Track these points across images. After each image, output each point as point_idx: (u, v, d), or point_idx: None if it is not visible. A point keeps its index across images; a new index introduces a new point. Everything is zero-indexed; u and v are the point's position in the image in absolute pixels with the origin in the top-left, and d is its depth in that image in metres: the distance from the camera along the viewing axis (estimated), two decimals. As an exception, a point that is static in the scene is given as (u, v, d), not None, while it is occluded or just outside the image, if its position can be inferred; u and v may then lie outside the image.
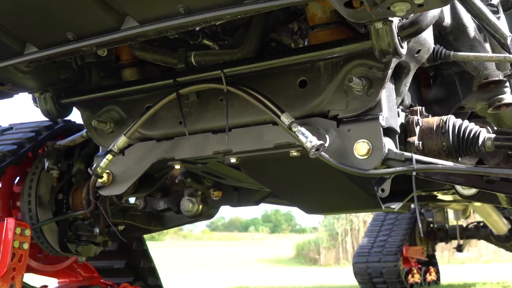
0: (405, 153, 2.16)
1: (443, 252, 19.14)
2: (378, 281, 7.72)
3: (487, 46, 2.69)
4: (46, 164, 3.39)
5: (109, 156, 2.49)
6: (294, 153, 2.33)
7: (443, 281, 9.41)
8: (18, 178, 3.69)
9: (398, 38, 1.95)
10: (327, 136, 2.16)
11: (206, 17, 1.67)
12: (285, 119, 2.17)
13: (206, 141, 2.48)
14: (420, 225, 2.10)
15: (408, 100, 2.71)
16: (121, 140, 2.48)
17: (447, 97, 2.88)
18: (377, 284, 7.77)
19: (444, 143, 2.49)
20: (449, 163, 2.21)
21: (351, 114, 2.19)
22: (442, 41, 2.55)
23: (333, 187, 2.63)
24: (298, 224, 63.43)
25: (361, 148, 2.12)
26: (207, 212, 3.55)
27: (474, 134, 2.50)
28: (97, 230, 3.41)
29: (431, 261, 8.61)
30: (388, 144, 2.17)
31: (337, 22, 2.25)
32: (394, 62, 2.13)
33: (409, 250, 7.74)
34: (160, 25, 1.77)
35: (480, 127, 3.01)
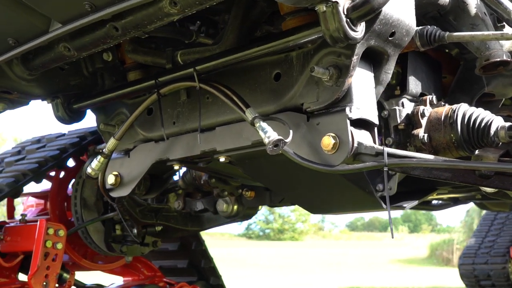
0: (376, 147, 1.97)
1: None
2: (486, 284, 7.18)
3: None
4: (88, 167, 3.52)
5: (100, 159, 2.54)
6: (274, 150, 2.22)
7: None
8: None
9: (347, 21, 1.78)
10: (290, 131, 2.02)
11: (112, 10, 1.67)
12: (249, 114, 2.08)
13: (195, 141, 2.44)
14: (391, 227, 1.88)
15: (416, 89, 2.48)
16: (111, 143, 2.51)
17: (470, 84, 2.60)
18: (485, 287, 7.22)
19: (452, 135, 2.25)
20: (430, 157, 1.98)
21: (320, 107, 2.04)
22: (443, 21, 2.30)
23: (325, 185, 2.46)
24: (439, 224, 60.83)
25: (326, 143, 1.97)
26: (243, 213, 3.50)
27: (486, 124, 2.23)
28: (135, 231, 3.49)
29: (548, 263, 7.83)
30: (360, 137, 1.99)
31: (308, 10, 2.11)
32: (360, 47, 1.95)
33: (519, 251, 7.10)
34: (78, 23, 1.79)
35: (507, 116, 2.70)
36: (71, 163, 3.86)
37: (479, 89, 2.57)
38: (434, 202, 4.68)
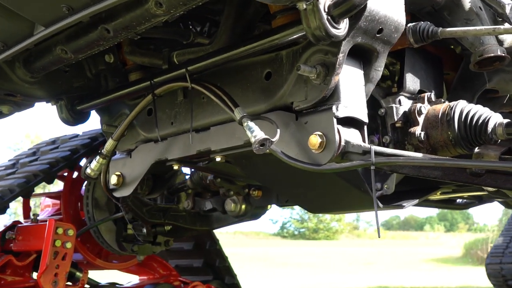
0: (364, 145, 1.94)
1: None
2: (514, 284, 7.03)
3: None
4: (99, 168, 3.57)
5: (99, 159, 2.57)
6: (266, 150, 2.21)
7: None
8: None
9: (328, 18, 1.76)
10: (277, 131, 2.01)
11: (88, 12, 1.70)
12: (237, 113, 2.08)
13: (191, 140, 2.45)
14: (378, 226, 1.86)
15: (414, 86, 2.44)
16: (109, 143, 2.54)
17: (472, 81, 2.54)
18: (513, 288, 7.07)
19: (449, 133, 2.21)
20: (417, 155, 1.95)
21: (308, 105, 2.02)
22: (438, 17, 2.26)
23: (321, 184, 2.44)
24: (475, 223, 59.88)
25: (313, 142, 1.95)
26: (251, 212, 3.49)
27: (484, 121, 2.19)
28: (144, 230, 3.53)
29: None
30: (348, 136, 1.97)
31: (296, 8, 2.09)
32: (346, 45, 1.92)
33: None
34: (58, 25, 1.84)
35: (509, 112, 2.64)
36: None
37: (480, 86, 2.52)
38: (459, 201, 4.60)
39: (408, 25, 2.18)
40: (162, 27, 2.53)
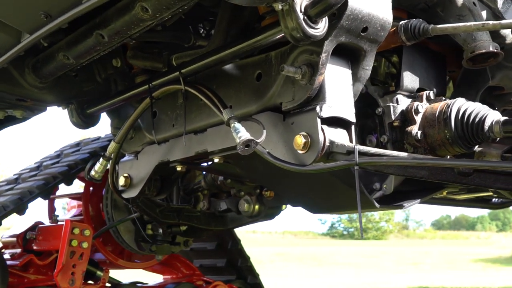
0: (348, 145, 1.93)
1: None
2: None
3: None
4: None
5: (102, 161, 2.63)
6: (258, 150, 2.22)
7: None
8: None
9: (304, 18, 1.76)
10: (263, 132, 2.02)
11: (64, 18, 1.77)
12: (226, 115, 2.10)
13: (190, 142, 2.49)
14: (361, 227, 1.84)
15: (412, 85, 2.41)
16: (111, 146, 2.60)
17: (475, 77, 2.49)
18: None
19: (446, 131, 2.17)
20: (402, 154, 1.92)
21: (295, 106, 2.02)
22: (432, 13, 2.22)
23: (317, 184, 2.43)
24: (528, 222, 58.09)
25: (298, 142, 1.95)
26: (265, 212, 3.49)
27: (480, 119, 2.14)
28: (160, 230, 3.58)
29: None
30: (333, 136, 1.95)
31: (282, 8, 2.10)
32: (329, 44, 1.91)
33: None
34: (40, 31, 1.90)
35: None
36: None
37: (484, 83, 2.47)
38: (494, 200, 4.49)
39: (400, 23, 2.16)
40: (162, 31, 2.57)
